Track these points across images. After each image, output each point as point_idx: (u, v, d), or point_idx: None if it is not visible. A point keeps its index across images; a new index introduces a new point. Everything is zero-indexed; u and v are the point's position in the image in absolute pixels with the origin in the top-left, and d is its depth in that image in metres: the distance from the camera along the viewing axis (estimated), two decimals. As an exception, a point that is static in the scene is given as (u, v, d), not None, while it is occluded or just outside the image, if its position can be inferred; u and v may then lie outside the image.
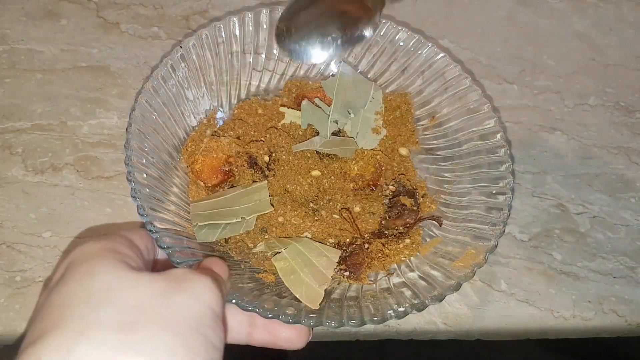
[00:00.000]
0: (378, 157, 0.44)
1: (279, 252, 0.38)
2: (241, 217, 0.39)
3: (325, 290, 0.35)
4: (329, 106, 0.46)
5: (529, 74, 0.57)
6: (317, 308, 0.34)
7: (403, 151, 0.45)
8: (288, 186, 0.42)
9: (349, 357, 0.43)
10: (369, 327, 0.42)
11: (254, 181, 0.42)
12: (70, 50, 0.53)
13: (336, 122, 0.45)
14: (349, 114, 0.45)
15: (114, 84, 0.51)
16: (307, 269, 0.36)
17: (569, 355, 0.44)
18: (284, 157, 0.43)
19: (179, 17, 0.56)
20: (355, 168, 0.44)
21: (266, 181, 0.41)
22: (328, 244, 0.40)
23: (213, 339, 0.25)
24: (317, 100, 0.46)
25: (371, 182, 0.43)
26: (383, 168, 0.44)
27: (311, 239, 0.40)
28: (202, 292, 0.26)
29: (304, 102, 0.45)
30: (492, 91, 0.55)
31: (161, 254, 0.34)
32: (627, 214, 0.49)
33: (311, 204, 0.42)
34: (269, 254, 0.38)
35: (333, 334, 0.41)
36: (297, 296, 0.35)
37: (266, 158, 0.43)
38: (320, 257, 0.38)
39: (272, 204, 0.40)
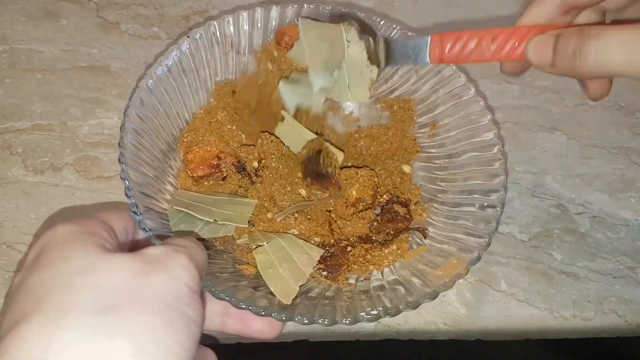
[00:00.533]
0: (376, 179, 0.43)
1: (261, 245, 0.38)
2: (214, 220, 0.39)
3: (301, 287, 0.36)
4: (306, 73, 0.42)
5: (529, 74, 0.57)
6: (289, 303, 0.34)
7: (406, 168, 0.45)
8: (275, 195, 0.42)
9: (349, 357, 0.43)
10: (369, 327, 0.42)
11: (240, 186, 0.42)
12: (70, 50, 0.53)
13: (324, 90, 0.42)
14: (332, 74, 0.41)
15: (114, 84, 0.51)
16: (286, 265, 0.37)
17: (569, 355, 0.44)
18: (273, 164, 0.42)
19: (179, 17, 0.56)
20: (354, 193, 0.43)
21: (256, 201, 0.41)
22: (313, 242, 0.40)
23: (192, 314, 0.25)
24: (293, 75, 0.42)
25: (370, 205, 0.42)
26: (380, 188, 0.44)
27: (297, 235, 0.40)
28: (178, 271, 0.26)
29: (281, 84, 0.43)
30: (492, 91, 0.55)
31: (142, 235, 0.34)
32: (627, 214, 0.49)
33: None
34: (252, 246, 0.38)
35: (333, 333, 0.41)
36: (272, 289, 0.35)
37: (255, 164, 0.42)
38: (301, 254, 0.38)
39: (250, 222, 0.40)
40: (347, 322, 0.33)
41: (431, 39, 0.35)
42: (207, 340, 0.41)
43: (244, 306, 0.32)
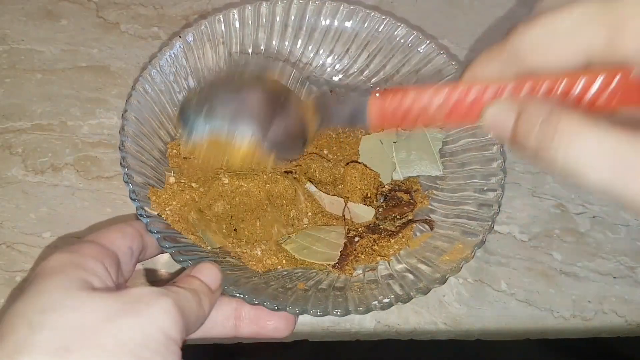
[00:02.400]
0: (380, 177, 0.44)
1: (289, 237, 0.39)
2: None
3: (311, 280, 0.37)
4: None
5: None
6: (335, 262, 0.36)
7: None
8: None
9: (349, 357, 0.43)
10: (369, 327, 0.42)
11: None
12: (70, 50, 0.53)
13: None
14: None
15: (114, 84, 0.51)
16: (319, 243, 0.38)
17: (569, 355, 0.44)
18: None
19: (179, 17, 0.56)
20: (363, 189, 0.43)
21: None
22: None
23: None
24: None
25: (374, 199, 0.43)
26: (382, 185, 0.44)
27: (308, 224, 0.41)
28: (157, 315, 0.25)
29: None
30: (492, 91, 0.55)
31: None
32: (627, 214, 0.49)
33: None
34: (279, 241, 0.39)
35: (333, 333, 0.41)
36: (314, 261, 0.37)
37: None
38: (328, 233, 0.39)
39: None
40: (360, 310, 0.33)
41: (370, 99, 0.28)
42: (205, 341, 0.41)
43: (256, 302, 0.32)
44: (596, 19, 0.19)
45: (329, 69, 0.50)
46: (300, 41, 0.48)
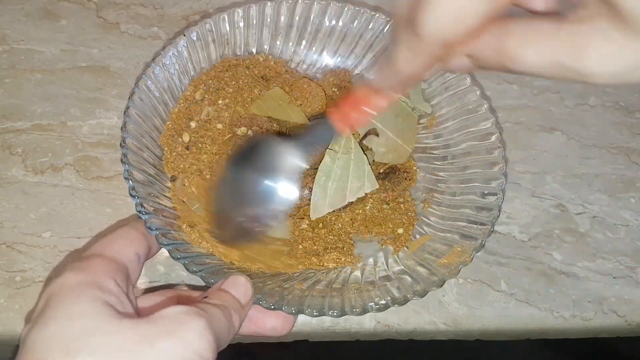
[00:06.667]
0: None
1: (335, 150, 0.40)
2: None
3: (309, 280, 0.37)
4: None
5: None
6: (313, 219, 0.38)
7: None
8: None
9: (349, 357, 0.43)
10: (369, 327, 0.42)
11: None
12: (70, 50, 0.53)
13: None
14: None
15: (114, 84, 0.51)
16: (338, 184, 0.39)
17: (569, 355, 0.44)
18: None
19: (179, 17, 0.56)
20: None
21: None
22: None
23: None
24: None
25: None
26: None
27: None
28: (191, 338, 0.25)
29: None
30: (492, 91, 0.55)
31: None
32: (627, 214, 0.49)
33: None
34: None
35: (333, 333, 0.41)
36: (312, 196, 0.38)
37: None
38: (357, 181, 0.40)
39: None
40: (356, 311, 0.33)
41: (329, 115, 0.34)
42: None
43: (253, 301, 0.32)
44: None
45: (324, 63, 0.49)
46: (304, 42, 0.48)
